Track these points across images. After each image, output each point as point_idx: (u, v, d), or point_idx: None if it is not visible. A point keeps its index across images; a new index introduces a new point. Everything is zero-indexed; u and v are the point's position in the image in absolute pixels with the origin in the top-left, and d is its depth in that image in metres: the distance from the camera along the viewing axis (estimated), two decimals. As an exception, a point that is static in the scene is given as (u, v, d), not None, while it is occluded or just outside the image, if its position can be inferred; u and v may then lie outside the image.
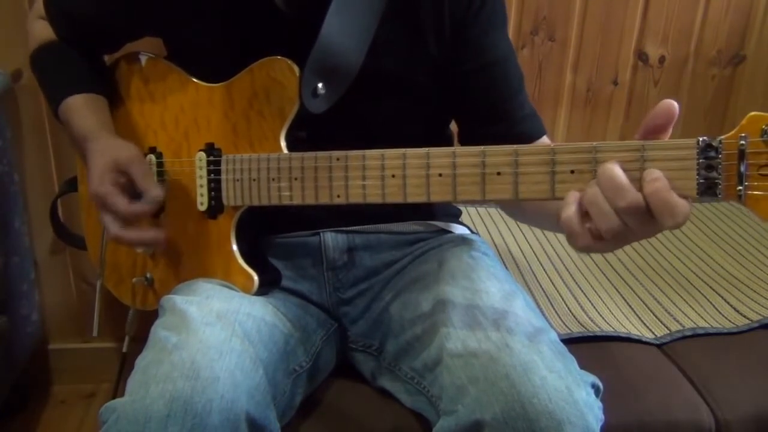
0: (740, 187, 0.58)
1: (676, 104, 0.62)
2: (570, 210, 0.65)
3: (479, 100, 0.93)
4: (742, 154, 0.58)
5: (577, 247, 0.66)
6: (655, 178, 0.61)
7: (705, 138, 0.59)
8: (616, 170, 0.62)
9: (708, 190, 0.59)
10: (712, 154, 0.59)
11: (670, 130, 0.64)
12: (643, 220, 0.62)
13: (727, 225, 1.48)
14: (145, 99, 0.99)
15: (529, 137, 0.93)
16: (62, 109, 0.96)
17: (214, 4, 0.89)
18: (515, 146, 0.68)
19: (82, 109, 0.96)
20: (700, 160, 0.60)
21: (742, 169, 0.58)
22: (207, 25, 0.91)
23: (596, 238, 0.64)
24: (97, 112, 0.97)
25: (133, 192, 0.90)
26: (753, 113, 0.58)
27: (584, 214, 0.65)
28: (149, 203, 0.88)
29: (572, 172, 0.65)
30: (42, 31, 1.02)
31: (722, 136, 0.59)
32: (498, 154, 0.68)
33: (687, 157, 0.60)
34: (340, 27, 0.82)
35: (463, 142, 0.98)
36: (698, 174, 0.60)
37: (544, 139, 0.94)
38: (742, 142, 0.58)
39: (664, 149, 0.61)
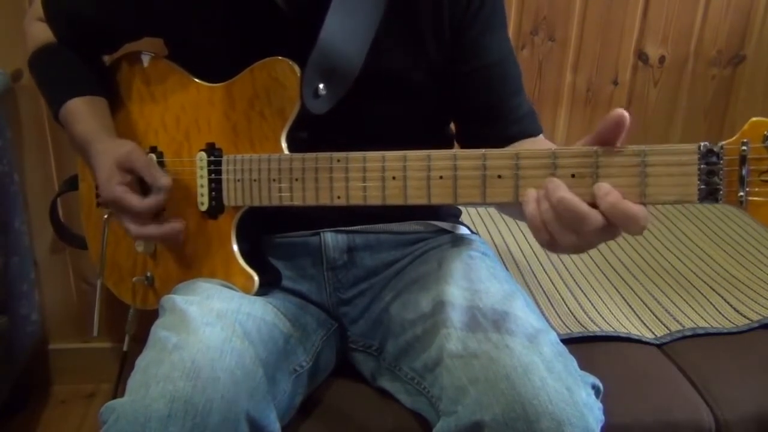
0: (741, 193, 0.58)
1: (627, 115, 0.62)
2: (530, 207, 0.66)
3: (477, 100, 0.93)
4: (743, 160, 0.58)
5: (540, 243, 0.67)
6: (607, 192, 0.62)
7: (706, 143, 0.59)
8: (574, 201, 0.62)
9: (709, 195, 0.60)
10: (714, 159, 0.59)
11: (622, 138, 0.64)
12: (604, 232, 0.63)
13: (727, 225, 1.48)
14: (146, 99, 0.99)
15: (525, 137, 0.93)
16: (62, 113, 0.96)
17: (215, 4, 0.89)
18: (516, 149, 0.68)
19: (83, 113, 0.96)
20: (701, 166, 0.60)
21: (744, 174, 0.58)
22: (208, 25, 0.91)
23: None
24: (98, 114, 0.97)
25: (142, 187, 0.90)
26: (755, 119, 0.58)
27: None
28: (160, 192, 0.89)
29: (573, 176, 0.65)
30: (40, 33, 1.02)
31: (723, 142, 0.59)
32: (499, 157, 0.69)
33: (688, 162, 0.60)
34: (340, 27, 0.82)
35: (460, 141, 0.98)
36: (699, 179, 0.60)
37: (540, 138, 0.94)
38: (744, 147, 0.58)
39: (664, 154, 0.61)
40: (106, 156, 0.91)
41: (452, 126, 1.02)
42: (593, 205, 0.63)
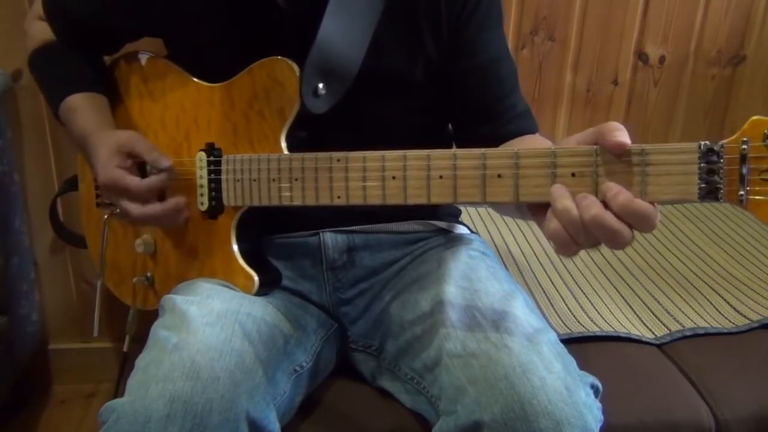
0: (742, 192, 0.58)
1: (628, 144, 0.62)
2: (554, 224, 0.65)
3: (471, 99, 0.93)
4: (743, 159, 0.58)
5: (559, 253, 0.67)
6: (617, 192, 0.61)
7: (706, 142, 0.59)
8: (608, 217, 0.61)
9: (709, 194, 0.59)
10: (714, 158, 0.59)
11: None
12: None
13: (727, 225, 1.48)
14: (145, 99, 0.99)
15: (521, 135, 0.93)
16: (62, 109, 0.96)
17: (214, 4, 0.89)
18: (516, 148, 0.68)
19: (83, 108, 0.96)
20: (702, 165, 0.60)
21: (744, 173, 0.58)
22: (207, 25, 0.91)
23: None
24: (98, 110, 0.97)
25: (140, 173, 0.90)
26: (755, 117, 0.58)
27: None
28: (161, 173, 0.89)
29: (573, 175, 0.65)
30: (40, 32, 1.02)
31: (724, 141, 0.59)
32: (499, 156, 0.68)
33: (688, 161, 0.60)
34: (339, 27, 0.82)
35: (456, 141, 0.98)
36: (699, 178, 0.60)
37: (537, 136, 0.94)
38: (744, 146, 0.58)
39: (665, 153, 0.61)
40: (104, 143, 0.91)
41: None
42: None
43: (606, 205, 0.62)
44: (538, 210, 0.69)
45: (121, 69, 1.02)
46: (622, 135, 0.62)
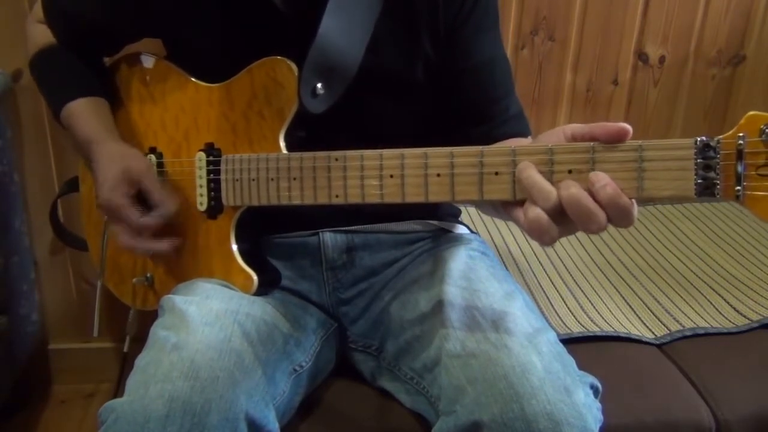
0: (738, 187, 0.58)
1: (630, 131, 0.62)
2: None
3: (464, 101, 0.93)
4: (740, 154, 0.58)
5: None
6: (605, 183, 0.61)
7: (703, 138, 0.59)
8: (582, 196, 0.61)
9: (706, 190, 0.59)
10: (711, 154, 0.59)
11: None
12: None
13: (727, 225, 1.47)
14: (145, 99, 0.99)
15: (512, 137, 0.93)
16: (64, 114, 0.96)
17: (213, 5, 0.90)
18: (513, 146, 0.68)
19: (85, 113, 0.96)
20: (698, 160, 0.59)
21: (740, 169, 0.58)
22: (206, 26, 0.91)
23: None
24: (100, 115, 0.97)
25: (141, 201, 0.90)
26: (751, 113, 0.57)
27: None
28: (162, 217, 0.89)
29: (570, 171, 0.65)
30: (41, 35, 1.02)
31: (720, 136, 0.59)
32: (496, 153, 0.69)
33: (685, 157, 0.60)
34: (337, 26, 0.82)
35: (451, 141, 0.98)
36: (696, 174, 0.60)
37: (528, 140, 0.94)
38: (741, 141, 0.58)
39: (661, 149, 0.61)
40: (113, 161, 0.91)
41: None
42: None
43: (592, 194, 0.62)
44: (511, 206, 0.69)
45: (122, 70, 1.03)
46: (617, 123, 0.62)
